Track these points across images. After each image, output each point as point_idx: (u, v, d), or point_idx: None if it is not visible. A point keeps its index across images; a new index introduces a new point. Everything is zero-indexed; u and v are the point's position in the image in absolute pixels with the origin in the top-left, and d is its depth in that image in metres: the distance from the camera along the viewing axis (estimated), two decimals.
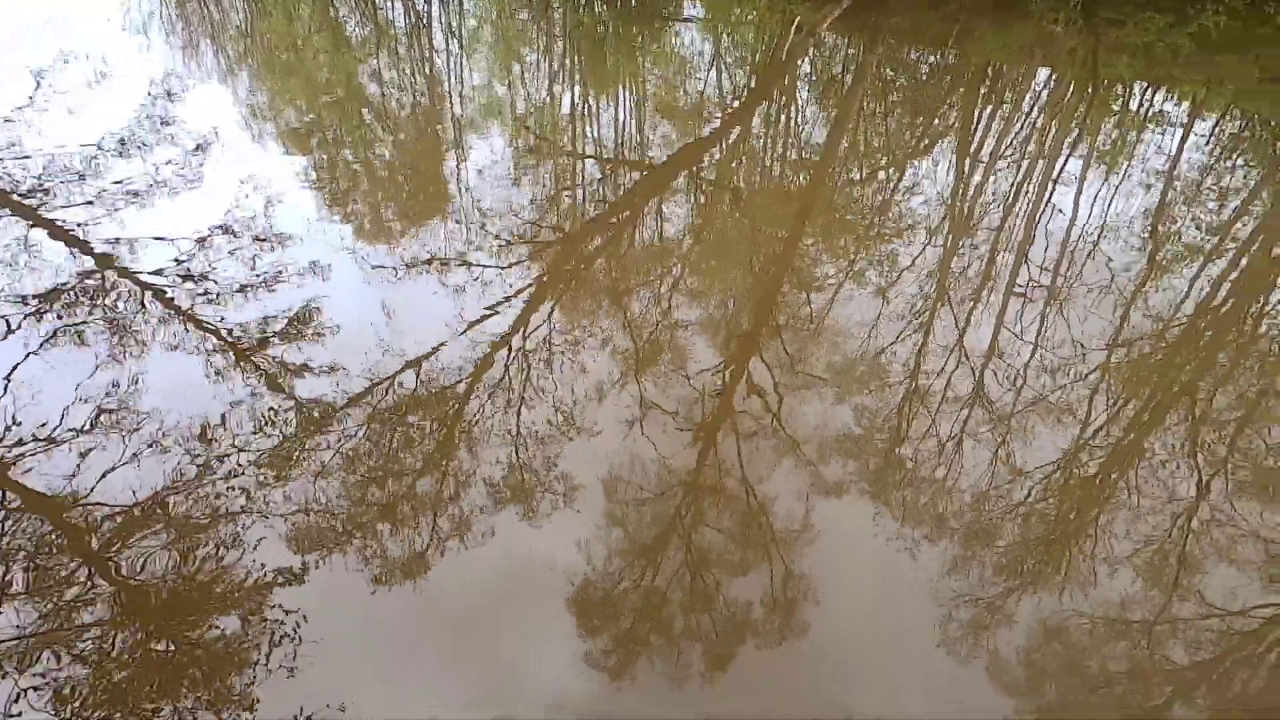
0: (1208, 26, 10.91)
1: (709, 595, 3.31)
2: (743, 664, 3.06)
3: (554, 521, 3.62)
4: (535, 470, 3.90)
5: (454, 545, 3.48)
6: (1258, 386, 4.76)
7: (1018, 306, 5.44)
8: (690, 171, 7.42)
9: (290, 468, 3.77)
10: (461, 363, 4.61)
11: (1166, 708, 2.99)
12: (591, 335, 4.97)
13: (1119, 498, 3.92)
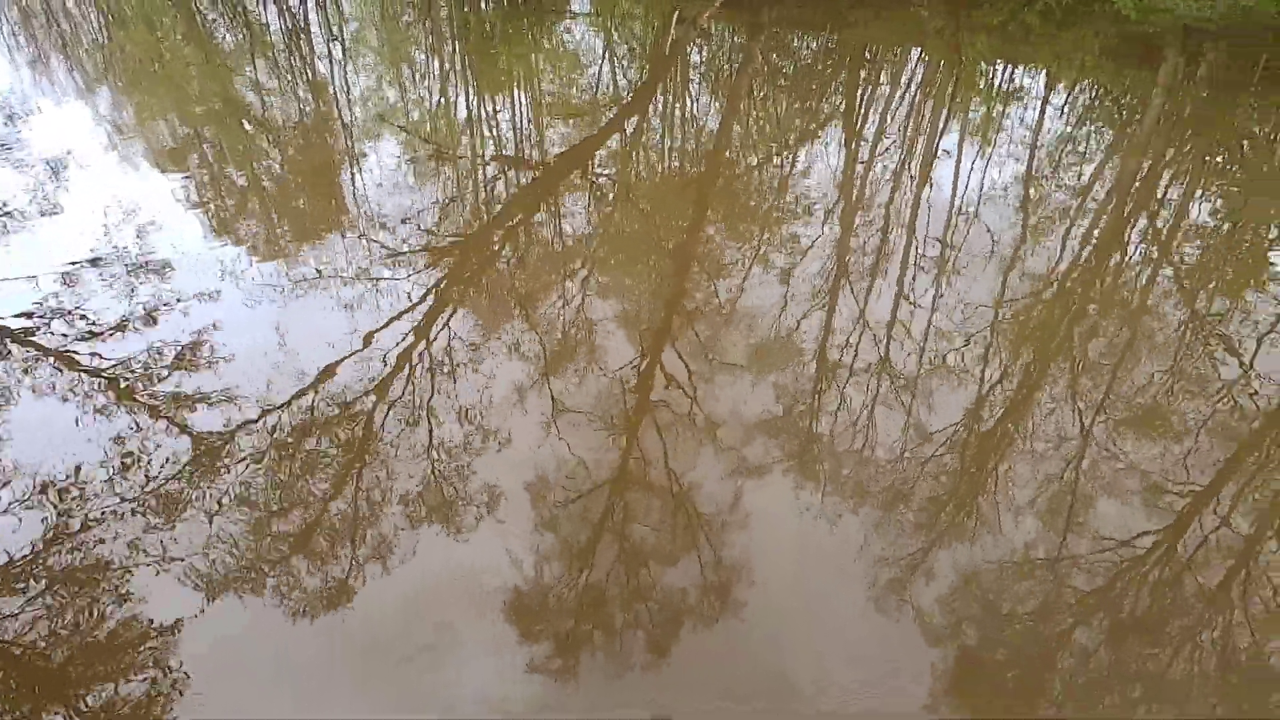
0: (1051, 5, 11.82)
1: (644, 590, 3.33)
2: (684, 653, 3.10)
3: (480, 533, 3.55)
4: (454, 483, 3.81)
5: (377, 570, 3.36)
6: (1129, 333, 5.19)
7: (913, 276, 5.73)
8: (584, 168, 7.42)
9: (197, 502, 3.54)
10: (367, 378, 4.45)
11: (1070, 636, 3.24)
12: (500, 339, 4.89)
13: (1017, 446, 4.20)
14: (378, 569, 3.35)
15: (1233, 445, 4.16)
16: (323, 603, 3.19)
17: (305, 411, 4.17)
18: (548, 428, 4.15)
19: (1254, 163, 7.87)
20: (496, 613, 3.19)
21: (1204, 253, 6.26)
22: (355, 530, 3.53)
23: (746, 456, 4.06)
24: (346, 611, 3.16)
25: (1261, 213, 6.80)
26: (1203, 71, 10.18)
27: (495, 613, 3.19)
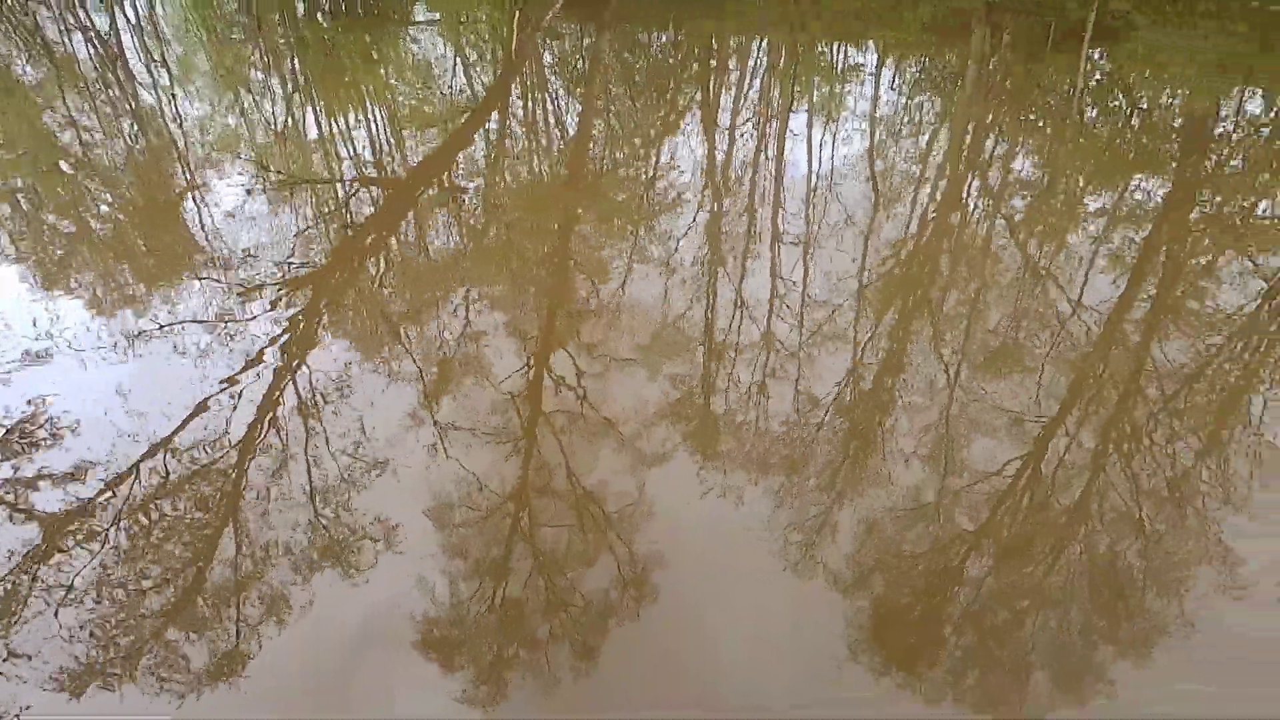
0: None
1: (561, 600, 3.30)
2: (610, 661, 3.10)
3: (382, 569, 3.39)
4: (343, 522, 3.62)
5: (274, 632, 3.14)
6: (979, 284, 5.67)
7: (782, 252, 5.99)
8: (439, 180, 7.24)
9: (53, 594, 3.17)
10: (230, 428, 4.14)
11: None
12: (372, 366, 4.69)
13: (895, 401, 4.49)
14: (274, 631, 3.13)
15: (1072, 372, 4.63)
16: (212, 680, 2.95)
17: (165, 475, 3.82)
18: (435, 450, 4.01)
19: (1058, 116, 8.78)
20: (411, 648, 3.07)
21: (1033, 203, 6.92)
22: (241, 594, 3.28)
23: (645, 450, 4.10)
24: (245, 683, 2.93)
25: (1072, 163, 7.60)
26: (1006, 41, 11.25)
27: (410, 648, 3.06)
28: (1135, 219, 6.47)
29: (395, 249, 6.14)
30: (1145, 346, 4.87)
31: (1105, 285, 5.45)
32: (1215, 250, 5.93)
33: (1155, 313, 5.20)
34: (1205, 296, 5.33)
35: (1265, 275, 5.51)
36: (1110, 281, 5.51)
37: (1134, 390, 4.52)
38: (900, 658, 3.05)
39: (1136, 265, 5.76)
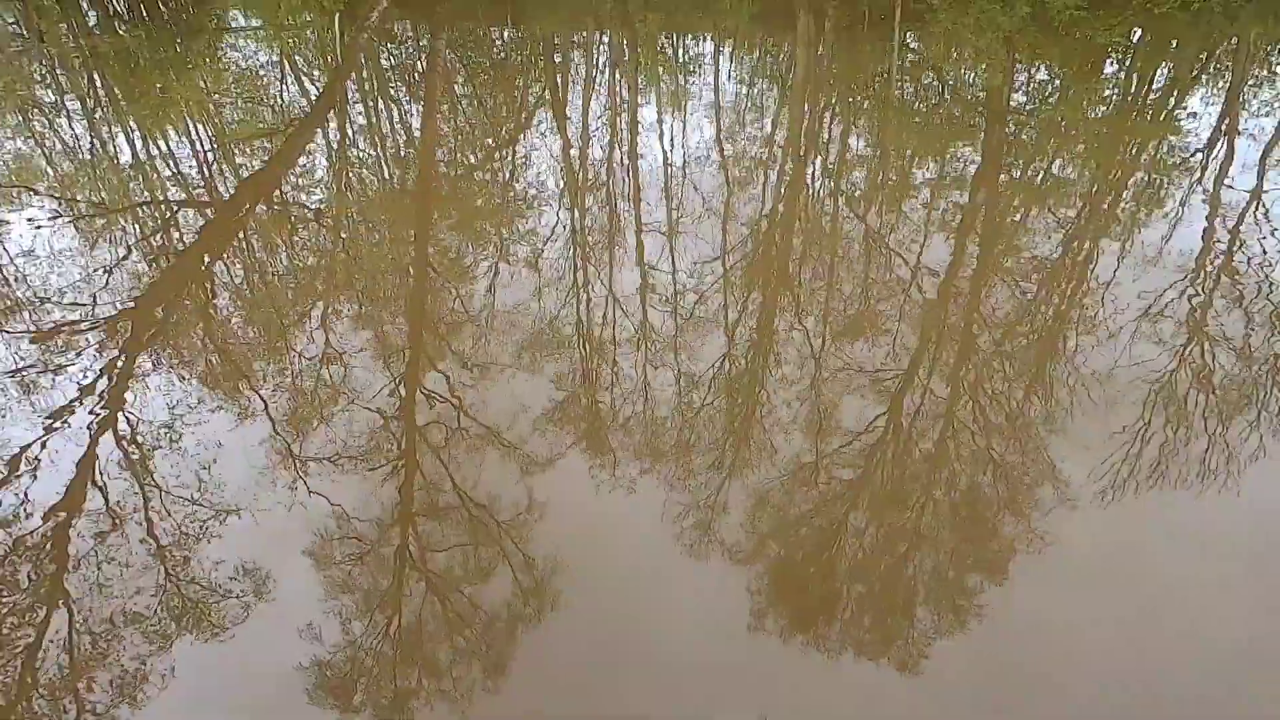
0: None
1: (461, 620, 3.20)
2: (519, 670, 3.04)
3: (255, 620, 3.13)
4: (198, 578, 3.31)
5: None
6: (830, 258, 6.03)
7: (650, 243, 6.09)
8: (269, 195, 6.77)
9: None
10: (44, 490, 3.67)
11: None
12: (212, 398, 4.32)
13: (768, 373, 4.69)
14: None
15: (920, 327, 5.04)
16: None
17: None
18: (296, 484, 3.76)
19: (884, 92, 9.51)
20: (305, 698, 2.86)
21: (871, 176, 7.45)
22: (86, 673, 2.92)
23: (531, 454, 4.04)
24: None
25: (899, 136, 8.25)
26: (829, 26, 12.02)
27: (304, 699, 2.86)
28: (958, 184, 7.12)
29: (231, 274, 5.66)
30: (976, 298, 5.38)
31: (940, 247, 5.97)
32: (1024, 208, 6.65)
33: (982, 269, 5.75)
34: (1021, 251, 5.97)
35: (1064, 226, 6.25)
36: (943, 241, 6.04)
37: (970, 339, 4.99)
38: (813, 612, 3.20)
39: (961, 227, 6.35)
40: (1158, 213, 6.46)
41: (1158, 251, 5.75)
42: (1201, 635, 3.01)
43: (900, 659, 3.04)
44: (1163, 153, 7.64)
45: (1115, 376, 4.46)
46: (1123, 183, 7.08)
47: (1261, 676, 2.86)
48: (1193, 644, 3.00)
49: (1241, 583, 3.22)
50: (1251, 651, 2.94)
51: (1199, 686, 2.84)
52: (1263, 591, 3.18)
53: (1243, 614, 3.08)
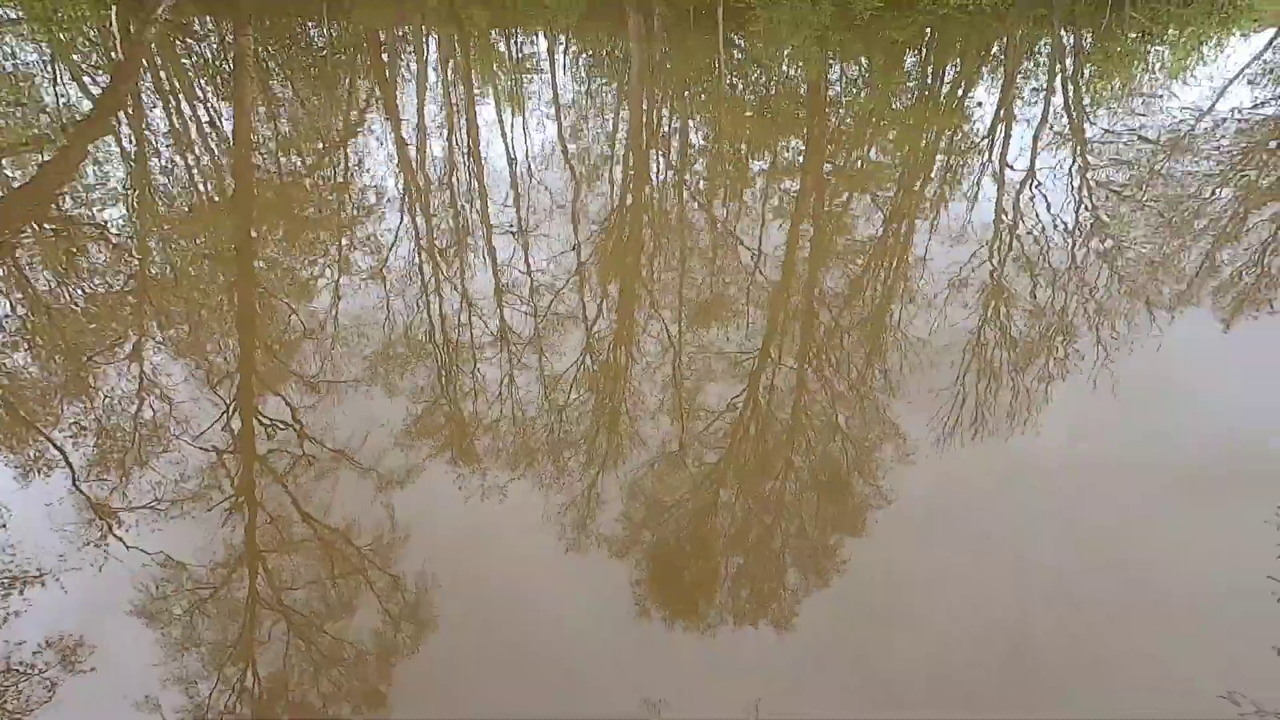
0: None
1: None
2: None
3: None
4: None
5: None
6: (681, 250, 6.21)
7: (500, 243, 5.96)
8: (42, 214, 5.94)
9: None
10: None
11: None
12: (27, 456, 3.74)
13: (631, 366, 4.76)
14: None
15: (767, 308, 5.33)
16: None
17: None
18: (107, 537, 3.34)
19: (715, 86, 9.93)
20: None
21: (710, 165, 7.75)
22: None
23: (389, 471, 3.84)
24: None
25: (733, 128, 8.65)
26: (658, 24, 12.35)
27: None
28: (789, 171, 7.58)
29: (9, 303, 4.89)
30: (814, 277, 5.76)
31: (777, 232, 6.32)
32: (849, 190, 7.20)
33: (816, 250, 6.17)
34: (850, 230, 6.46)
35: (882, 206, 6.84)
36: (779, 226, 6.41)
37: (811, 315, 5.34)
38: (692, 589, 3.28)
39: (795, 212, 6.77)
40: (957, 190, 7.24)
41: (961, 225, 6.44)
42: (1027, 565, 3.42)
43: (776, 619, 3.20)
44: (957, 138, 8.57)
45: (934, 339, 4.95)
46: (927, 166, 7.87)
47: (1074, 598, 3.30)
48: (1020, 574, 3.40)
49: (1055, 516, 3.69)
50: (1064, 578, 3.38)
51: (1026, 611, 3.23)
52: (1071, 522, 3.66)
53: (1056, 544, 3.53)
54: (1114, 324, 5.12)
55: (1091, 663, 2.97)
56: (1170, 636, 3.10)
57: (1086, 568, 3.38)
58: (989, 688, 2.90)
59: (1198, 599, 3.23)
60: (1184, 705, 2.83)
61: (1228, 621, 3.13)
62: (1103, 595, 3.25)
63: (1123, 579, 3.32)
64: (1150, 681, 2.92)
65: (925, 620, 3.13)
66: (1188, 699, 2.85)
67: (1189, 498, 3.75)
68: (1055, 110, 9.47)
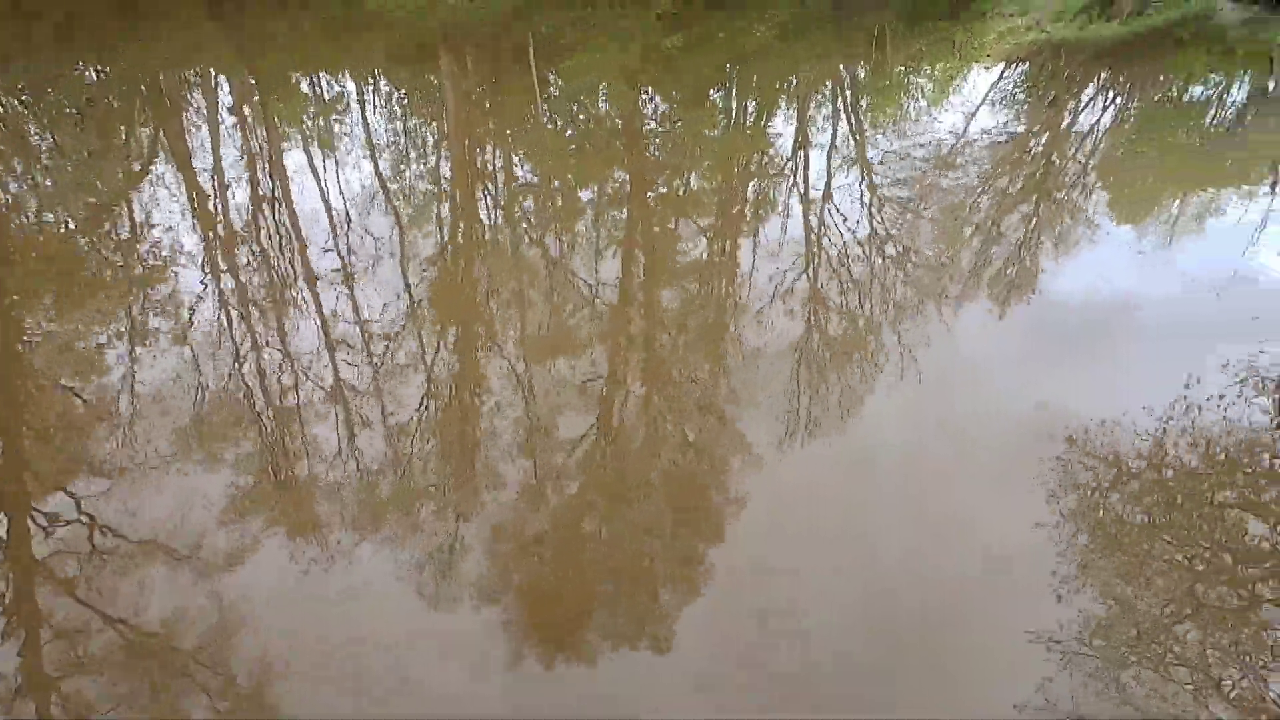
0: (334, 15, 12.67)
1: None
2: None
3: None
4: None
5: None
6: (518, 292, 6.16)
7: (324, 292, 5.58)
8: None
9: None
10: None
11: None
12: None
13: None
14: None
15: (607, 333, 5.42)
16: None
17: None
18: None
19: (535, 123, 10.05)
20: None
21: (539, 202, 7.79)
22: None
23: (215, 554, 3.43)
24: None
25: (559, 163, 8.78)
26: (472, 63, 12.34)
27: None
28: (617, 203, 7.81)
29: None
30: (651, 300, 5.95)
31: (610, 260, 6.47)
32: (672, 218, 7.55)
33: (650, 275, 6.39)
34: (679, 258, 6.76)
35: (706, 232, 7.24)
36: (611, 254, 6.57)
37: (652, 337, 5.51)
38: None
39: (625, 244, 6.98)
40: (770, 211, 7.85)
41: (776, 243, 6.97)
42: (874, 551, 3.71)
43: (653, 638, 3.22)
44: (764, 162, 9.30)
45: (768, 347, 5.29)
46: (741, 189, 8.46)
47: (925, 579, 3.62)
48: (869, 558, 3.67)
49: (896, 498, 4.04)
50: (909, 559, 3.70)
51: (886, 594, 3.49)
52: (909, 502, 4.03)
53: (900, 526, 3.87)
54: (910, 319, 5.76)
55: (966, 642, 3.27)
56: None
57: (930, 543, 3.72)
58: (861, 679, 3.09)
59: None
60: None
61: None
62: (953, 568, 3.60)
63: (967, 550, 3.70)
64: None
65: (792, 621, 3.29)
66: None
67: (995, 466, 4.27)
68: (843, 135, 10.59)
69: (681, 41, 13.17)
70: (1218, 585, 3.55)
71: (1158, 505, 4.05)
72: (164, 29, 11.74)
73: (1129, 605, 3.41)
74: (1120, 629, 3.29)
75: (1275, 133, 13.76)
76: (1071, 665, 3.13)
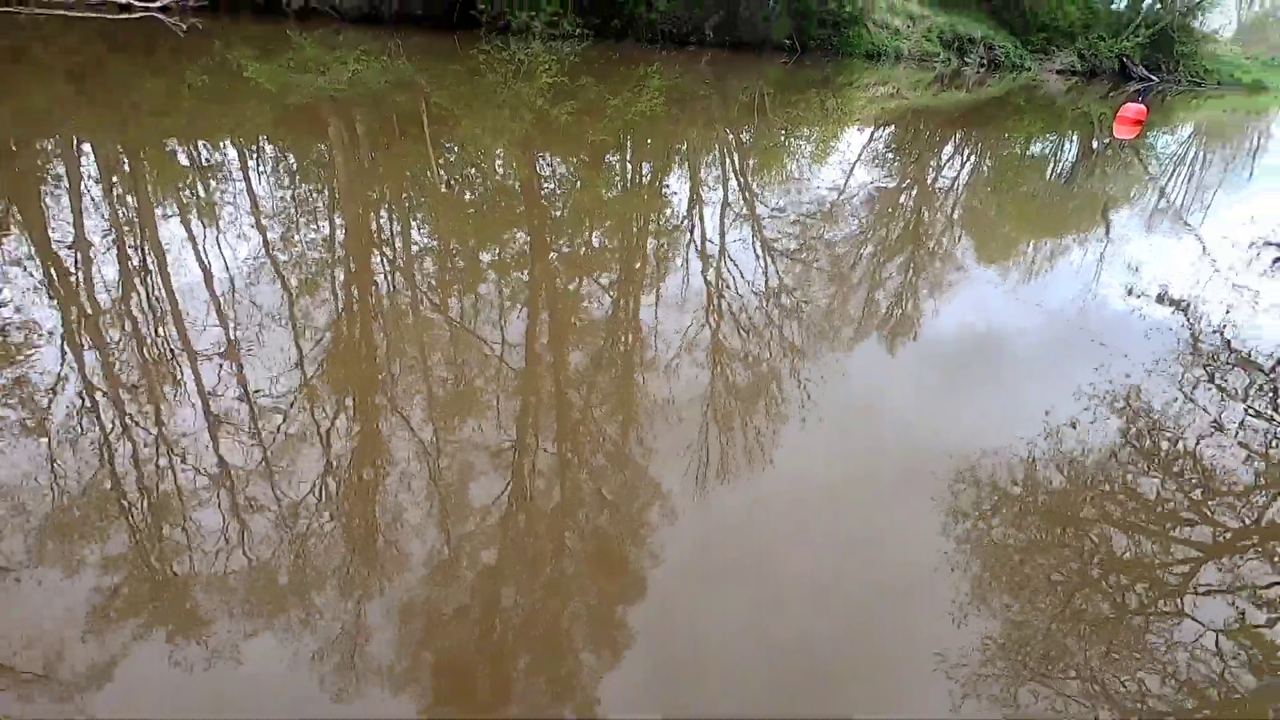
0: (195, 84, 12.27)
1: None
2: None
3: None
4: None
5: None
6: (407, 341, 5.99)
7: (207, 369, 5.21)
8: None
9: None
10: None
11: None
12: None
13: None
14: None
15: (515, 396, 5.34)
16: None
17: None
18: None
19: (431, 188, 10.00)
20: None
21: (434, 265, 7.68)
22: None
23: (76, 671, 3.04)
24: None
25: (455, 226, 8.73)
26: (363, 130, 12.22)
27: None
28: (517, 263, 7.82)
29: None
30: (559, 360, 5.93)
31: (516, 322, 6.43)
32: (579, 276, 7.63)
33: (555, 334, 6.39)
34: (584, 316, 6.81)
35: (609, 290, 7.35)
36: (517, 316, 6.53)
37: (563, 397, 5.47)
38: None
39: (530, 300, 6.98)
40: (670, 266, 8.08)
41: (678, 297, 7.16)
42: (782, 587, 3.76)
43: (577, 706, 3.09)
44: (661, 221, 9.62)
45: (677, 398, 5.36)
46: (641, 247, 8.68)
47: (836, 610, 3.68)
48: (779, 595, 3.71)
49: (805, 531, 4.12)
50: (818, 594, 3.76)
51: (796, 629, 3.52)
52: (816, 534, 4.11)
53: (812, 561, 3.94)
54: (806, 362, 6.02)
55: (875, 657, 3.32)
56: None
57: (837, 570, 3.81)
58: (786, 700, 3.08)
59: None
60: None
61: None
62: (859, 597, 3.68)
63: (872, 573, 3.80)
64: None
65: (713, 658, 3.25)
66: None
67: (893, 497, 4.46)
68: (734, 192, 11.14)
69: (573, 109, 13.61)
70: (1093, 597, 3.81)
71: (1034, 525, 4.34)
72: (21, 92, 10.99)
73: (1019, 624, 3.60)
74: (1014, 646, 3.45)
75: (1103, 182, 15.63)
76: (973, 686, 3.25)
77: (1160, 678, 3.38)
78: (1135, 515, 4.48)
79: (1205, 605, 3.82)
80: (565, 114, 13.44)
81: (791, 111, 19.84)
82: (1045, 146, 19.56)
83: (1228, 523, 4.50)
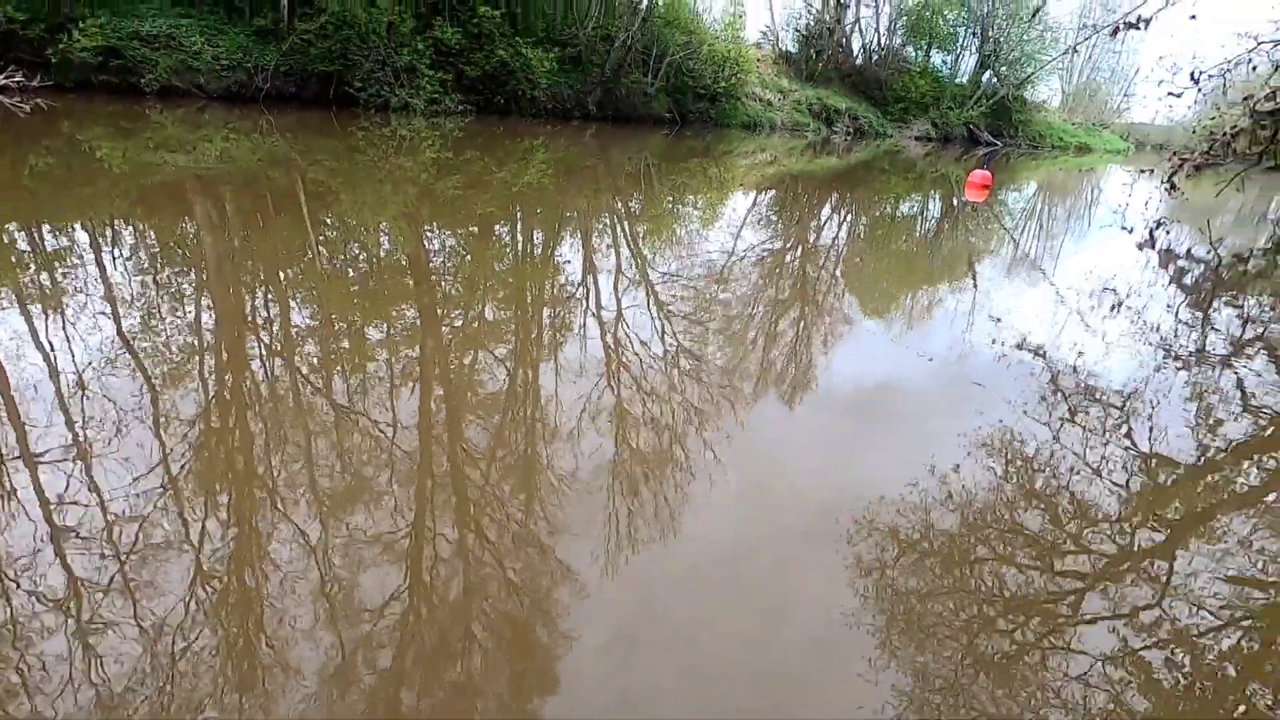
0: (39, 166, 11.40)
1: None
2: None
3: None
4: None
5: None
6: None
7: (51, 475, 4.60)
8: None
9: None
10: None
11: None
12: None
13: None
14: None
15: (409, 481, 5.04)
16: None
17: None
18: None
19: (311, 265, 9.58)
20: None
21: (320, 345, 7.28)
22: None
23: None
24: None
25: (340, 304, 8.37)
26: (232, 209, 11.66)
27: None
28: (407, 339, 7.55)
29: None
30: (455, 439, 5.69)
31: (408, 401, 6.15)
32: (473, 349, 7.44)
33: (452, 412, 6.15)
34: (480, 390, 6.61)
35: (505, 361, 7.21)
36: (409, 395, 6.25)
37: (460, 478, 5.22)
38: None
39: (422, 377, 6.71)
40: (566, 334, 8.04)
41: (577, 364, 7.11)
42: (703, 651, 3.64)
43: None
44: (555, 289, 9.62)
45: (580, 469, 5.23)
46: (536, 315, 8.61)
47: (757, 670, 3.59)
48: (698, 659, 3.59)
49: (715, 602, 4.04)
50: (743, 651, 3.68)
51: (719, 689, 3.40)
52: (729, 609, 4.05)
53: (728, 623, 3.86)
54: (713, 424, 6.07)
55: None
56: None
57: (754, 639, 3.74)
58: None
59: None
60: None
61: None
62: (780, 653, 3.61)
63: (791, 634, 3.75)
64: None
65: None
66: None
67: (802, 548, 4.48)
68: (626, 258, 11.36)
69: (460, 182, 13.58)
70: (991, 635, 3.93)
71: (933, 571, 4.47)
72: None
73: (928, 675, 3.65)
74: (924, 697, 3.48)
75: (967, 235, 17.13)
76: None
77: (1062, 711, 3.49)
78: (1023, 551, 4.71)
79: (1090, 635, 4.02)
80: (452, 188, 13.40)
81: (677, 179, 20.71)
82: (912, 205, 21.34)
83: (1104, 549, 4.80)
